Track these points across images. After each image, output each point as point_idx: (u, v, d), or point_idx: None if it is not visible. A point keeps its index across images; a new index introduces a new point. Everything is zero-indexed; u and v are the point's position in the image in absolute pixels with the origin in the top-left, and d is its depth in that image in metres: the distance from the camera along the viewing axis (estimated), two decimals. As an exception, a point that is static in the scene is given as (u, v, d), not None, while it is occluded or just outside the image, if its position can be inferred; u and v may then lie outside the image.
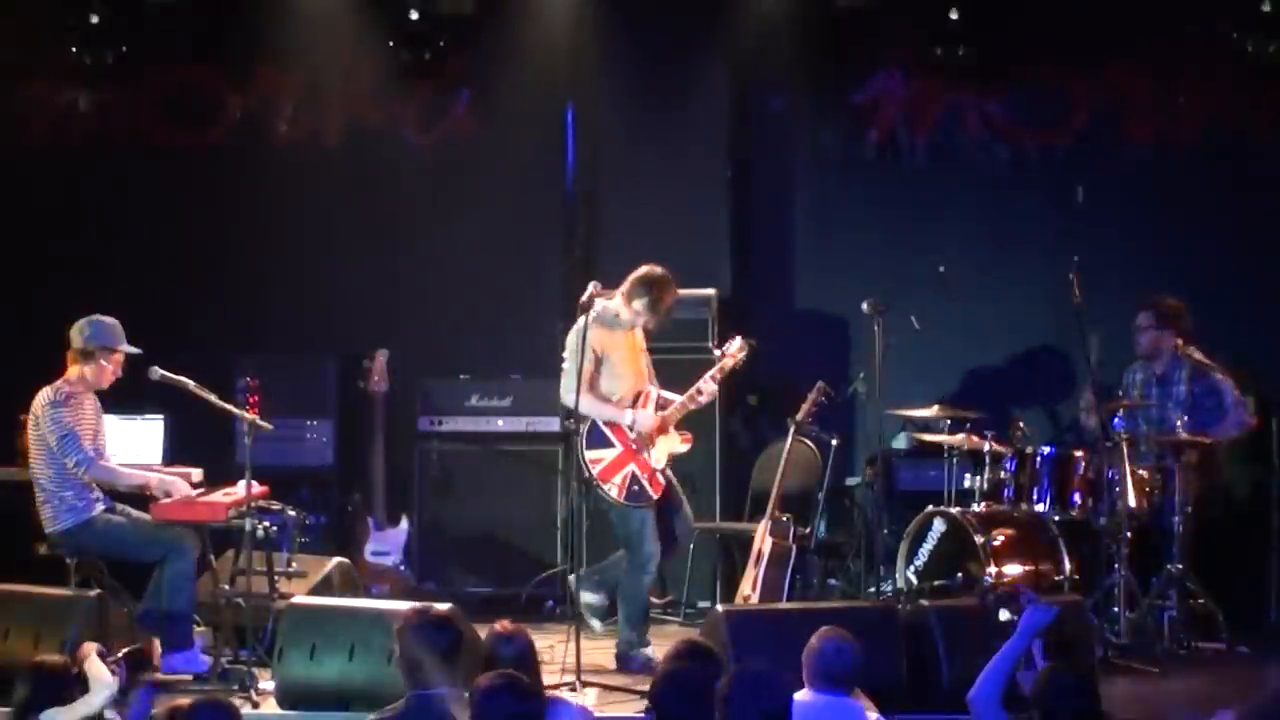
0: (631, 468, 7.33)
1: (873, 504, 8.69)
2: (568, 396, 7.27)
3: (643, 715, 4.76)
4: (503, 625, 5.21)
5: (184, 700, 4.90)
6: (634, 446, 7.34)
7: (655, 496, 7.35)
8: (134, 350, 7.18)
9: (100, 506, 7.13)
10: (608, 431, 7.36)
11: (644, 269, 7.42)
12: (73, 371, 7.15)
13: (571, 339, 7.31)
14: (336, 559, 7.93)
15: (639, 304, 7.38)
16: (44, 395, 7.11)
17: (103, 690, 5.40)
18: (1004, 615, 5.42)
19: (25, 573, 7.14)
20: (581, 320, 7.23)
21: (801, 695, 4.94)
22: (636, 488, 7.33)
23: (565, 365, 7.34)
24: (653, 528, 7.35)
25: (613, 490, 7.32)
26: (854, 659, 5.12)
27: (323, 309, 9.41)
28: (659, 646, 7.15)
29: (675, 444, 7.48)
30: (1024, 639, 5.01)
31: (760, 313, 9.54)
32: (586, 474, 7.30)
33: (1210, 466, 8.15)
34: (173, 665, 6.96)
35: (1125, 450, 7.64)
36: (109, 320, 7.19)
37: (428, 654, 4.83)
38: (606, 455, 7.35)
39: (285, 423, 8.52)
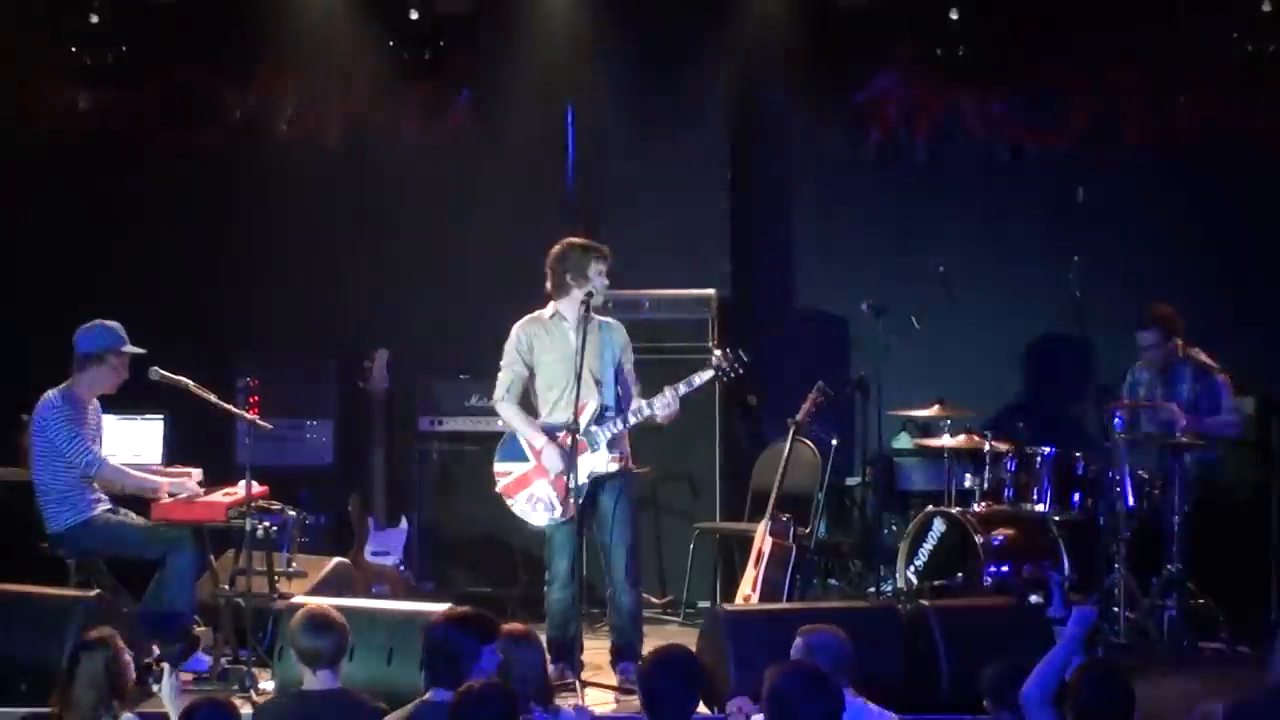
0: (538, 485, 7.01)
1: (873, 504, 8.69)
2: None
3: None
4: (511, 628, 5.21)
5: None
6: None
7: (559, 517, 6.94)
8: (138, 350, 7.19)
9: (101, 506, 7.15)
10: (524, 444, 7.06)
11: None
12: (80, 378, 7.15)
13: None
14: (336, 559, 7.94)
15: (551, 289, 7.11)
16: (51, 398, 7.11)
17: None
18: (1034, 599, 5.42)
19: (25, 573, 7.13)
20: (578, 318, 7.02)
21: None
22: (541, 506, 7.01)
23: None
24: (563, 547, 7.00)
25: (515, 507, 7.09)
26: (848, 650, 5.13)
27: (323, 309, 9.41)
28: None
29: (601, 463, 6.95)
30: (1073, 639, 4.97)
31: (760, 313, 9.55)
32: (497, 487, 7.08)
33: (1210, 467, 8.15)
34: (200, 665, 6.98)
35: (1125, 450, 7.64)
36: (110, 323, 7.20)
37: (462, 653, 4.86)
38: (515, 470, 7.07)
39: (285, 423, 8.54)
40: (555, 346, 7.07)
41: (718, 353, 7.12)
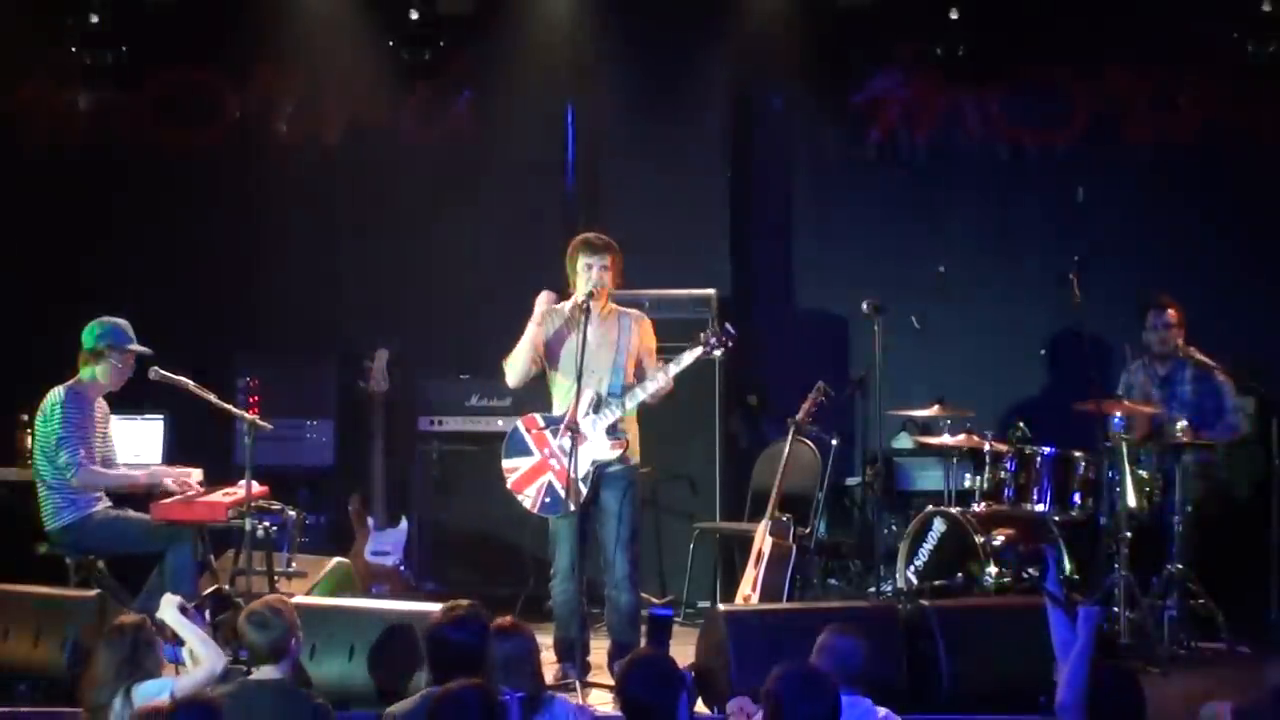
0: (548, 478, 6.98)
1: (873, 504, 8.69)
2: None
3: None
4: (500, 621, 5.21)
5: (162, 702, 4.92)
6: (551, 455, 6.98)
7: (573, 508, 6.85)
8: (145, 350, 7.18)
9: (102, 504, 7.15)
10: (528, 438, 7.05)
11: None
12: (85, 373, 7.16)
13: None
14: (336, 559, 7.93)
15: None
16: (57, 393, 7.11)
17: (212, 663, 5.34)
18: (1030, 572, 5.41)
19: (25, 573, 7.13)
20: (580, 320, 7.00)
21: None
22: (549, 499, 6.98)
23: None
24: (567, 540, 6.97)
25: (526, 501, 7.06)
26: (864, 656, 5.14)
27: (323, 309, 9.41)
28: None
29: (603, 451, 6.93)
30: (1088, 637, 4.96)
31: (760, 313, 9.55)
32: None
33: (1210, 467, 8.15)
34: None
35: (1125, 450, 7.65)
36: (119, 320, 7.21)
37: (473, 651, 4.87)
38: (522, 464, 7.05)
39: (285, 423, 8.54)
40: (566, 338, 7.06)
41: (704, 332, 7.07)
